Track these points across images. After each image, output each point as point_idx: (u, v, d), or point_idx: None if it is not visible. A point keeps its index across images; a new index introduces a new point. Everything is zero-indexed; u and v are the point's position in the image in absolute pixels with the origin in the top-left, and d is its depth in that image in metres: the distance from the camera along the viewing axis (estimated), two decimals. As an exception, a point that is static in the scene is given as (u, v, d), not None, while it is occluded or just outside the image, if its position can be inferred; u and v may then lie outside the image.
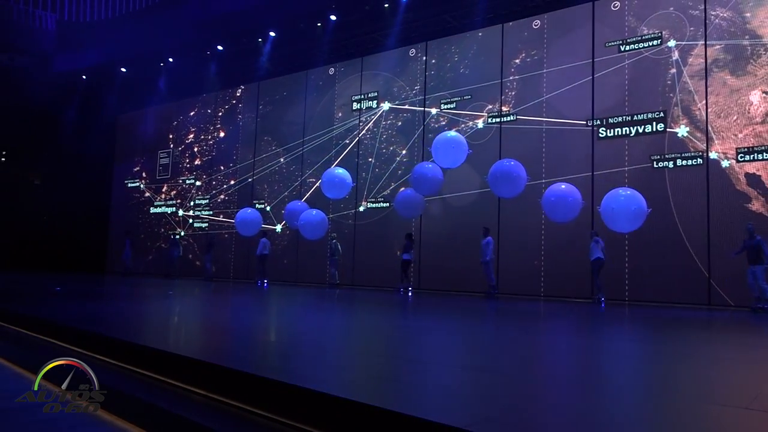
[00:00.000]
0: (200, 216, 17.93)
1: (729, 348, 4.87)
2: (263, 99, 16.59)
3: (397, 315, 7.32)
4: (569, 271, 10.59)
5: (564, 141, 10.97)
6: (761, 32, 9.13)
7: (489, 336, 5.32)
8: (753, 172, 9.12)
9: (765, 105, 9.08)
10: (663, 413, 2.40)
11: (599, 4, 10.74)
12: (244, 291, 11.95)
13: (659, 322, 6.84)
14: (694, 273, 9.36)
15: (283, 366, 3.22)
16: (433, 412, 2.15)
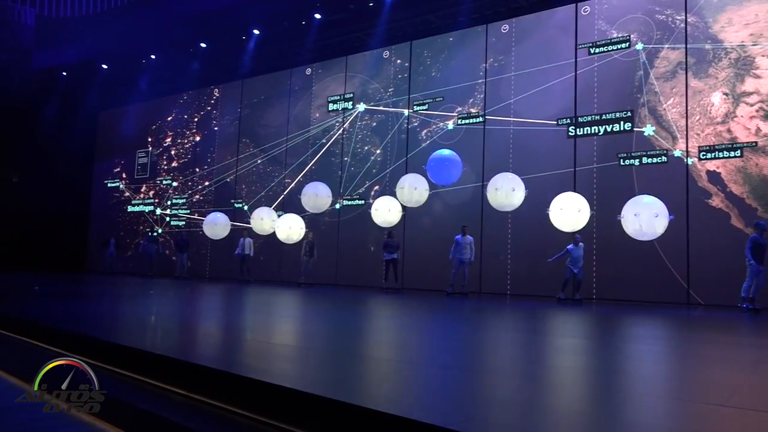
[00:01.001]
0: (178, 214, 18.00)
1: (707, 346, 4.90)
2: (243, 98, 16.70)
3: (376, 314, 7.32)
4: (536, 270, 10.82)
5: (534, 140, 11.26)
6: (722, 37, 9.53)
7: (467, 334, 5.28)
8: (713, 170, 9.48)
9: (725, 106, 9.45)
10: (643, 410, 2.44)
11: (571, 8, 11.08)
12: (223, 290, 11.95)
13: (632, 321, 6.89)
14: (661, 270, 9.63)
15: (265, 365, 3.20)
16: (415, 411, 2.14)
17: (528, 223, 10.98)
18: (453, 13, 12.63)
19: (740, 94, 9.33)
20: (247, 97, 16.66)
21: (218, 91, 17.46)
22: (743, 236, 9.15)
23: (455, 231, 11.64)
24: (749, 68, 9.27)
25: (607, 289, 10.32)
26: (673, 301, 9.50)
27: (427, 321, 6.51)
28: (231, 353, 3.79)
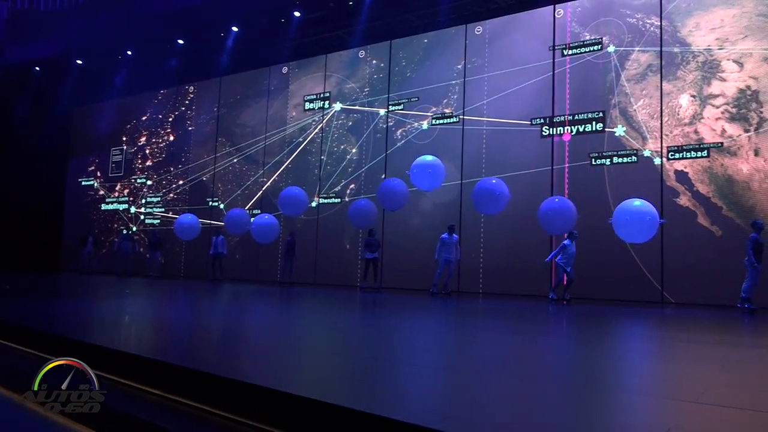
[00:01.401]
0: (152, 213, 17.84)
1: (679, 344, 4.95)
2: (220, 96, 16.61)
3: (354, 313, 7.30)
4: (514, 268, 10.93)
5: (508, 140, 11.40)
6: (690, 41, 9.80)
7: (449, 334, 5.26)
8: (681, 169, 9.70)
9: (692, 108, 9.70)
10: (620, 407, 2.47)
11: (545, 10, 11.27)
12: (201, 290, 11.81)
13: (606, 319, 6.90)
14: (632, 268, 9.81)
15: (244, 365, 3.16)
16: (395, 411, 2.14)
17: (502, 222, 11.08)
18: (432, 12, 12.74)
19: (707, 96, 9.58)
20: (223, 96, 16.57)
21: (195, 88, 17.36)
22: (709, 234, 9.38)
23: (434, 229, 11.71)
24: (715, 71, 9.53)
25: (580, 287, 10.44)
26: (645, 300, 9.67)
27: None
28: (208, 353, 3.71)
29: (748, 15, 9.30)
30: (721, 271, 9.07)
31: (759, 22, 9.20)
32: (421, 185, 10.39)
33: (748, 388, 3.00)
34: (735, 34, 9.39)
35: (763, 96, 9.12)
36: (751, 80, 9.23)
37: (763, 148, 9.09)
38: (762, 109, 9.12)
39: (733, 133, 9.32)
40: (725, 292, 9.00)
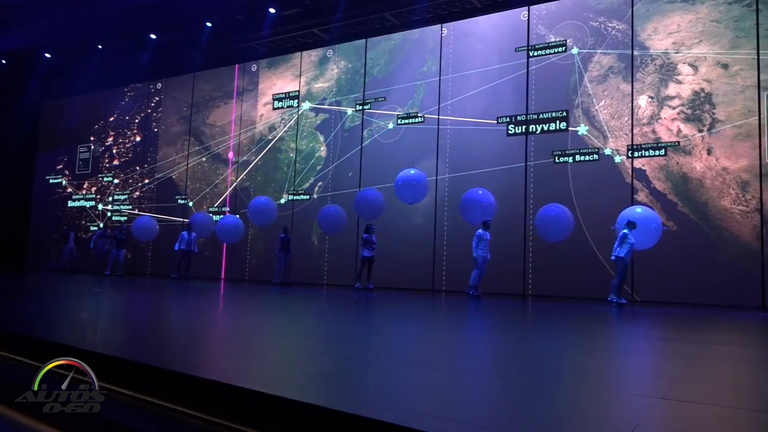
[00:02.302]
0: (120, 210, 17.66)
1: (644, 341, 5.03)
2: (189, 93, 16.58)
3: (324, 312, 7.25)
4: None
5: (474, 139, 11.66)
6: (648, 44, 10.23)
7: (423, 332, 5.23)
8: (640, 167, 10.06)
9: (650, 108, 10.09)
10: (594, 404, 2.53)
11: (511, 13, 11.63)
12: (174, 288, 11.65)
13: (573, 317, 7.00)
14: (596, 265, 10.06)
15: (218, 365, 3.13)
16: (373, 410, 2.13)
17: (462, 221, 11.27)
18: (409, 11, 12.96)
19: (664, 97, 9.99)
20: (192, 93, 16.54)
21: (164, 85, 17.30)
22: (666, 230, 9.71)
23: (405, 227, 11.84)
24: (672, 74, 9.96)
25: (541, 284, 10.67)
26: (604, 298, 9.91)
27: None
28: (172, 351, 3.64)
29: (703, 21, 9.77)
30: (679, 265, 9.39)
31: (712, 27, 9.67)
32: (405, 198, 10.50)
33: (714, 384, 3.07)
34: (690, 39, 9.84)
35: (716, 98, 9.55)
36: (704, 83, 9.66)
37: (715, 148, 9.50)
38: (714, 110, 9.55)
39: (688, 133, 9.73)
40: (685, 287, 9.33)
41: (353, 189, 13.07)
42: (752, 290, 8.91)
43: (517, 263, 10.88)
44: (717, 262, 9.23)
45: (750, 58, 9.32)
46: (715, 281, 9.16)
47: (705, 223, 9.40)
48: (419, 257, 11.97)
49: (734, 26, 9.50)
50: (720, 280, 9.13)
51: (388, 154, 12.77)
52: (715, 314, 7.74)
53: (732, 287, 9.02)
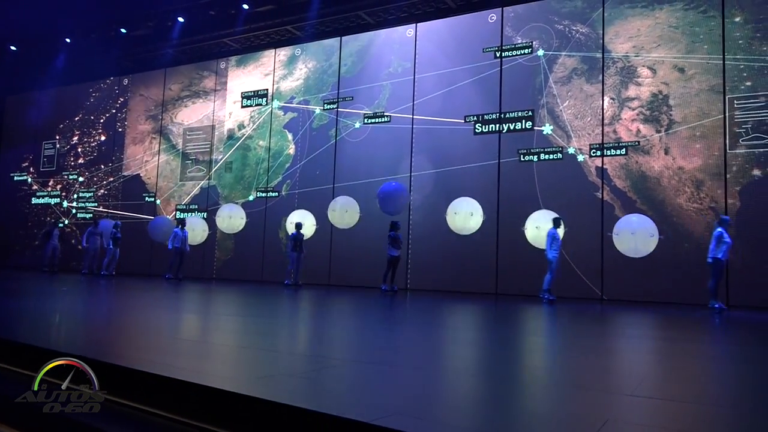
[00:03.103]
0: (85, 207, 17.47)
1: (610, 339, 5.12)
2: (158, 90, 16.52)
3: (298, 312, 7.14)
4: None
5: (442, 138, 11.90)
6: (610, 47, 10.63)
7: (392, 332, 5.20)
8: (601, 166, 10.39)
9: (612, 109, 10.47)
10: (560, 401, 2.58)
11: (479, 15, 11.96)
12: (148, 287, 11.47)
13: (538, 315, 7.04)
14: (562, 262, 10.28)
15: (188, 365, 3.13)
16: (341, 408, 2.16)
17: (429, 219, 11.44)
18: (384, 10, 13.17)
19: (624, 99, 10.37)
20: (163, 90, 16.47)
21: (133, 82, 17.18)
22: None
23: (373, 227, 11.93)
24: (632, 76, 10.36)
25: (507, 283, 10.87)
26: (574, 296, 10.14)
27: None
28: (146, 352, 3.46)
29: (661, 26, 10.22)
30: (635, 263, 9.69)
31: (670, 32, 10.12)
32: (387, 209, 10.61)
33: (679, 380, 3.17)
34: (649, 43, 10.27)
35: (673, 100, 9.97)
36: (662, 85, 10.08)
37: (672, 147, 9.89)
38: (672, 112, 9.96)
39: (647, 133, 10.11)
40: (647, 286, 9.62)
41: (321, 187, 13.19)
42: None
43: (488, 261, 11.06)
44: (675, 260, 9.55)
45: (704, 62, 9.77)
46: (678, 279, 9.47)
47: (662, 220, 9.74)
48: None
49: (690, 32, 9.96)
50: (679, 278, 9.44)
51: (356, 152, 12.93)
52: (682, 313, 8.00)
53: (687, 285, 9.33)
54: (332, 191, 13.01)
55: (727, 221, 8.35)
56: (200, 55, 16.09)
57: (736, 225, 9.11)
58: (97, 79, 17.74)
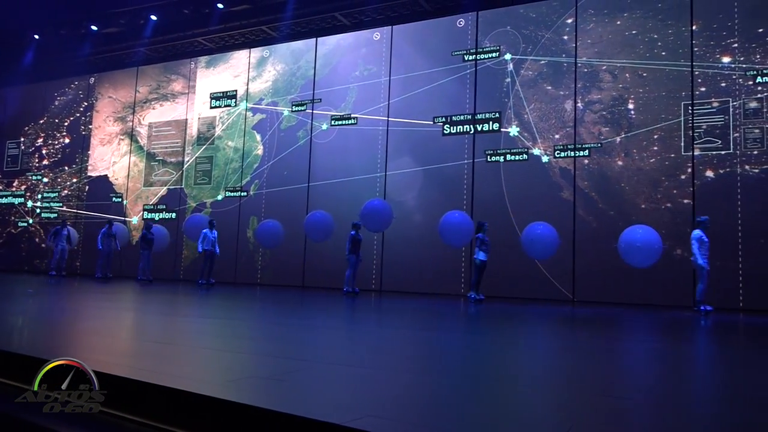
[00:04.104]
0: (50, 207, 17.37)
1: (580, 340, 5.22)
2: (127, 89, 16.60)
3: (267, 312, 7.16)
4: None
5: (411, 139, 12.23)
6: (574, 54, 11.11)
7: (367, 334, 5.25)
8: (564, 167, 10.80)
9: (575, 112, 10.91)
10: (528, 402, 2.63)
11: (449, 19, 12.40)
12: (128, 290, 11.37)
13: (505, 316, 7.18)
14: (524, 260, 10.61)
15: (155, 367, 3.13)
16: (316, 411, 2.16)
17: (398, 219, 11.72)
18: (359, 12, 13.47)
19: (587, 102, 10.84)
20: (130, 89, 16.55)
21: (102, 81, 17.22)
22: (587, 225, 10.42)
23: (346, 228, 12.12)
24: (595, 81, 10.84)
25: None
26: (541, 297, 10.45)
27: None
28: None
29: (623, 33, 10.75)
30: (599, 263, 10.05)
31: (629, 39, 10.66)
32: (371, 227, 10.84)
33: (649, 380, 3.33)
34: (611, 49, 10.78)
35: (632, 104, 10.46)
36: (622, 89, 10.58)
37: (631, 149, 10.35)
38: (631, 115, 10.44)
39: (608, 135, 10.57)
40: (609, 286, 9.97)
41: (289, 186, 13.42)
42: (655, 288, 9.63)
43: (457, 262, 11.34)
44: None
45: (663, 68, 10.29)
46: (639, 278, 9.84)
47: (621, 218, 10.14)
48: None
49: (650, 39, 10.50)
50: (639, 277, 9.81)
51: (325, 153, 13.22)
52: (650, 314, 8.31)
53: (657, 286, 9.70)
54: (307, 190, 13.25)
55: (703, 222, 8.36)
56: (173, 53, 16.23)
57: (690, 224, 9.56)
58: (65, 77, 17.71)
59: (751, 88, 9.66)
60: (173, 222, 14.87)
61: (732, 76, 9.81)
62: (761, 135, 9.51)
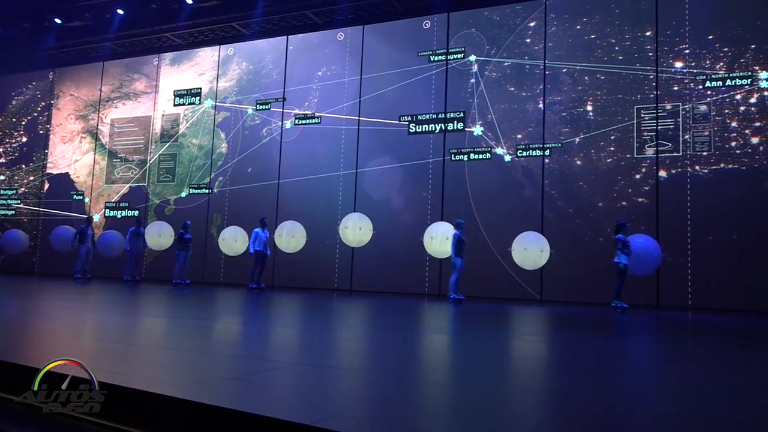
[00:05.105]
0: (8, 205, 17.21)
1: (544, 339, 5.41)
2: (88, 85, 16.63)
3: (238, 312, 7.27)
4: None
5: (376, 137, 12.56)
6: (537, 56, 11.62)
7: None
8: (526, 165, 11.24)
9: (537, 113, 11.39)
10: (497, 401, 2.72)
11: (415, 21, 12.81)
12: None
13: (478, 315, 7.41)
14: (494, 265, 10.98)
15: (119, 368, 3.15)
16: (280, 411, 2.18)
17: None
18: (331, 11, 13.68)
19: (549, 103, 11.33)
20: (94, 85, 16.56)
21: (65, 76, 17.17)
22: (546, 222, 10.85)
23: (313, 226, 12.33)
24: (555, 83, 11.34)
25: (437, 283, 11.44)
26: (500, 296, 10.79)
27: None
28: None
29: (581, 37, 11.29)
30: (564, 262, 10.47)
31: (587, 43, 11.21)
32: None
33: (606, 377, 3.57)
34: (571, 52, 11.31)
35: (590, 105, 10.98)
36: (581, 91, 11.10)
37: (589, 149, 10.85)
38: (590, 116, 10.95)
39: (568, 135, 11.05)
40: (574, 285, 10.38)
41: (252, 184, 13.71)
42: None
43: (420, 262, 11.64)
44: (593, 255, 10.38)
45: (620, 72, 10.84)
46: (602, 278, 10.27)
47: (579, 216, 10.60)
48: (323, 255, 12.50)
49: (608, 43, 11.06)
50: (602, 277, 10.25)
51: (288, 151, 13.53)
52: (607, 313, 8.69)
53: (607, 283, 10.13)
54: (270, 188, 13.46)
55: (623, 226, 9.00)
56: (140, 49, 16.28)
57: (644, 221, 10.06)
58: (26, 71, 17.58)
59: (701, 92, 10.26)
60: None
61: (684, 81, 10.40)
62: (709, 138, 10.10)
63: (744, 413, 2.61)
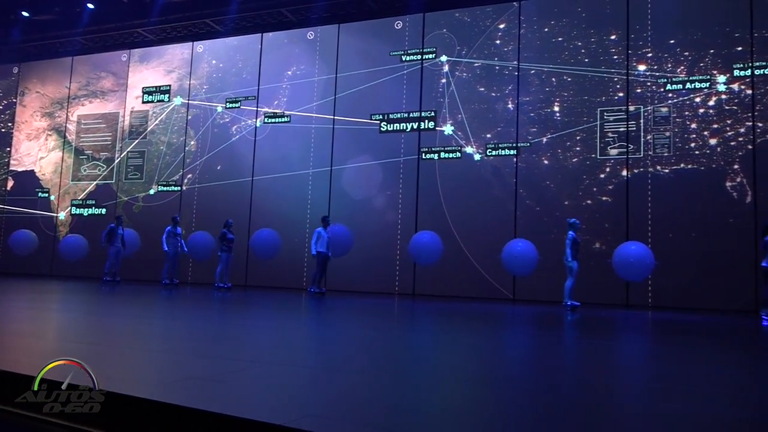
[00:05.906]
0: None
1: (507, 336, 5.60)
2: (54, 81, 16.57)
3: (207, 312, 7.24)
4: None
5: (346, 135, 12.82)
6: (506, 57, 12.00)
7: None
8: (495, 165, 11.58)
9: (507, 113, 11.75)
10: (473, 398, 2.82)
11: (387, 21, 13.11)
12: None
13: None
14: (464, 263, 11.24)
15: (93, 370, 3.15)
16: (257, 412, 2.21)
17: (333, 217, 12.19)
18: (306, 9, 13.83)
19: (519, 103, 11.70)
20: (61, 81, 16.49)
21: (29, 72, 17.06)
22: (517, 221, 11.18)
23: (283, 224, 12.45)
24: (524, 83, 11.72)
25: (408, 282, 11.67)
26: (489, 297, 11.06)
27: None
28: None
29: (547, 40, 11.71)
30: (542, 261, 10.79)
31: (553, 45, 11.63)
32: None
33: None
34: (539, 54, 11.72)
35: (557, 105, 11.38)
36: (548, 92, 11.50)
37: (556, 149, 11.24)
38: (556, 117, 11.36)
39: (537, 135, 11.43)
40: (542, 284, 10.69)
41: (221, 182, 13.90)
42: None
43: (391, 260, 11.87)
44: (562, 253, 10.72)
45: (586, 74, 11.27)
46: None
47: (546, 214, 10.95)
48: (291, 254, 12.64)
49: (574, 46, 11.49)
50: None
51: (257, 149, 13.73)
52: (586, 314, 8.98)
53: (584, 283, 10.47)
54: (239, 185, 13.58)
55: (573, 224, 9.32)
56: (111, 44, 16.26)
57: (609, 220, 10.46)
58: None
59: (662, 95, 10.74)
60: (101, 217, 14.84)
61: (646, 83, 10.87)
62: (669, 139, 10.56)
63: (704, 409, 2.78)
